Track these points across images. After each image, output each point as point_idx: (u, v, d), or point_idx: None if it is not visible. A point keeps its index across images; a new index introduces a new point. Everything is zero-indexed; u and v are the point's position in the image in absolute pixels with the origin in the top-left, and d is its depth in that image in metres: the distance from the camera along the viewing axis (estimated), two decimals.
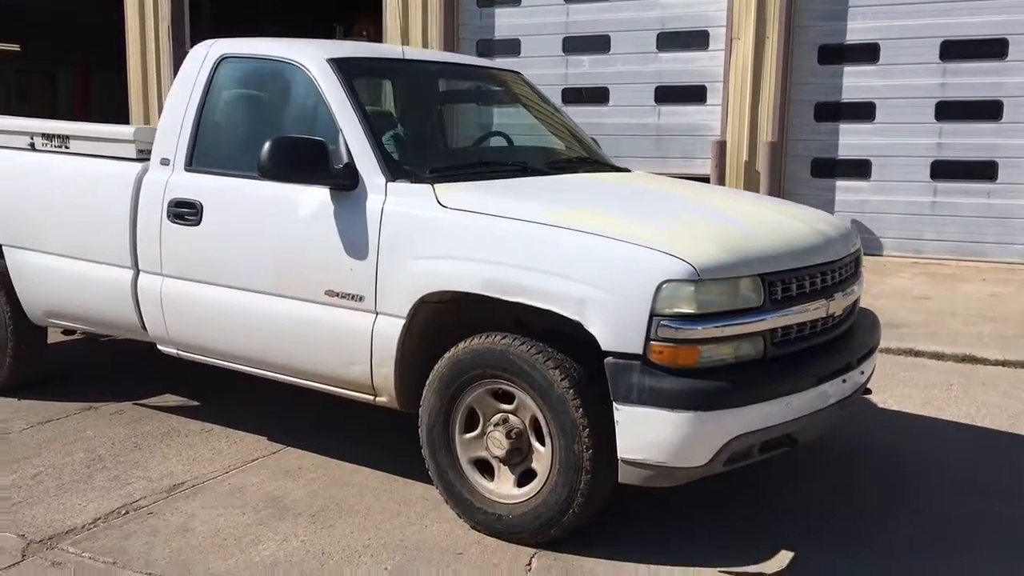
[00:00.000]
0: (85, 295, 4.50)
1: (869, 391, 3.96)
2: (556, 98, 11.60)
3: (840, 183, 10.34)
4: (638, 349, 3.01)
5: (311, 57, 3.90)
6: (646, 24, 11.05)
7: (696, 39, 10.79)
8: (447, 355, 3.41)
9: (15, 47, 18.44)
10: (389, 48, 4.50)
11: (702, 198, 4.20)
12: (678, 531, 3.44)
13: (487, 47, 11.98)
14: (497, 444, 3.32)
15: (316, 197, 3.66)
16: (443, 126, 4.79)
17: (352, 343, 3.59)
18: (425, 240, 3.43)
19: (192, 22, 13.91)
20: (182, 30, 13.73)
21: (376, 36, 16.24)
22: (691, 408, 2.97)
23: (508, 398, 3.33)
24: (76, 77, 19.33)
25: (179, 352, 4.30)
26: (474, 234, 3.36)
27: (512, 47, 11.87)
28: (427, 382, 3.46)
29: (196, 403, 4.87)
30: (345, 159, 3.64)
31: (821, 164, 10.38)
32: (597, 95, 11.46)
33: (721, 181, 10.30)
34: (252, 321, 3.90)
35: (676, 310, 2.99)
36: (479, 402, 3.39)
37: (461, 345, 3.38)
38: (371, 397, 3.69)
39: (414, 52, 4.62)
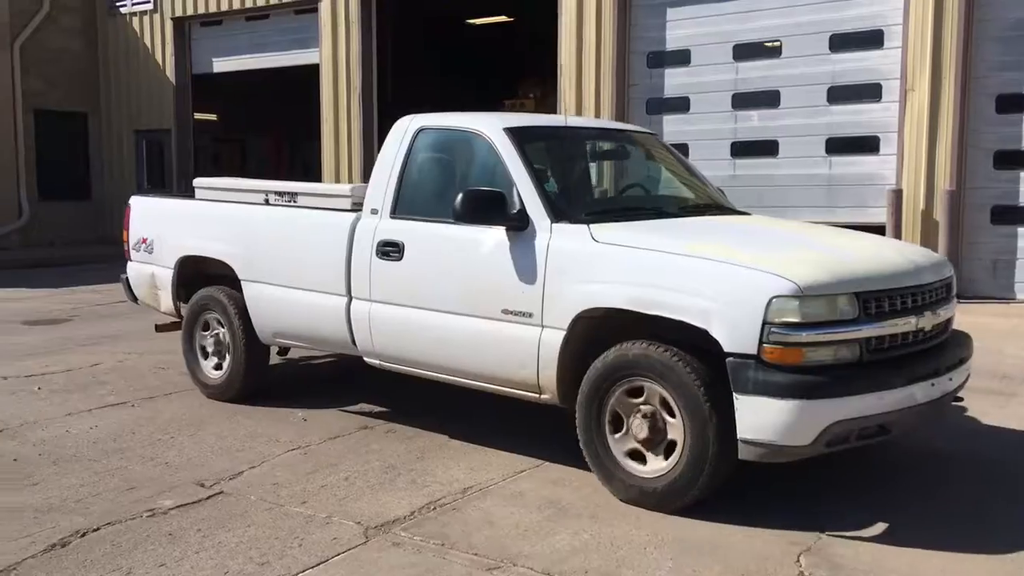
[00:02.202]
0: (307, 318, 5.52)
1: (960, 399, 4.59)
2: (725, 152, 12.10)
3: (1022, 230, 10.32)
4: (753, 350, 3.77)
5: (492, 127, 4.92)
6: (816, 79, 11.37)
7: (868, 91, 11.01)
8: (601, 357, 4.23)
9: (212, 116, 20.44)
10: (552, 117, 5.73)
11: (809, 234, 5.06)
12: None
13: (657, 105, 12.59)
14: (639, 428, 4.13)
15: (495, 236, 4.62)
16: (594, 178, 5.76)
17: (523, 350, 4.48)
18: (582, 267, 4.34)
19: (379, 92, 15.23)
20: (370, 98, 15.05)
21: (543, 97, 17.23)
22: (796, 397, 3.70)
23: (638, 393, 4.15)
24: (266, 143, 21.22)
25: (382, 363, 5.27)
26: (621, 262, 4.24)
27: (681, 105, 12.43)
28: (584, 379, 4.28)
29: (442, 421, 5.52)
30: (518, 206, 4.58)
31: (1001, 211, 10.38)
32: (766, 148, 11.86)
33: (898, 229, 10.43)
34: (443, 335, 4.83)
35: (783, 319, 3.75)
36: (620, 404, 4.20)
37: (612, 350, 4.20)
38: (536, 395, 4.55)
39: (572, 120, 5.71)
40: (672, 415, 4.04)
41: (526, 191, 4.60)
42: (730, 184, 12.06)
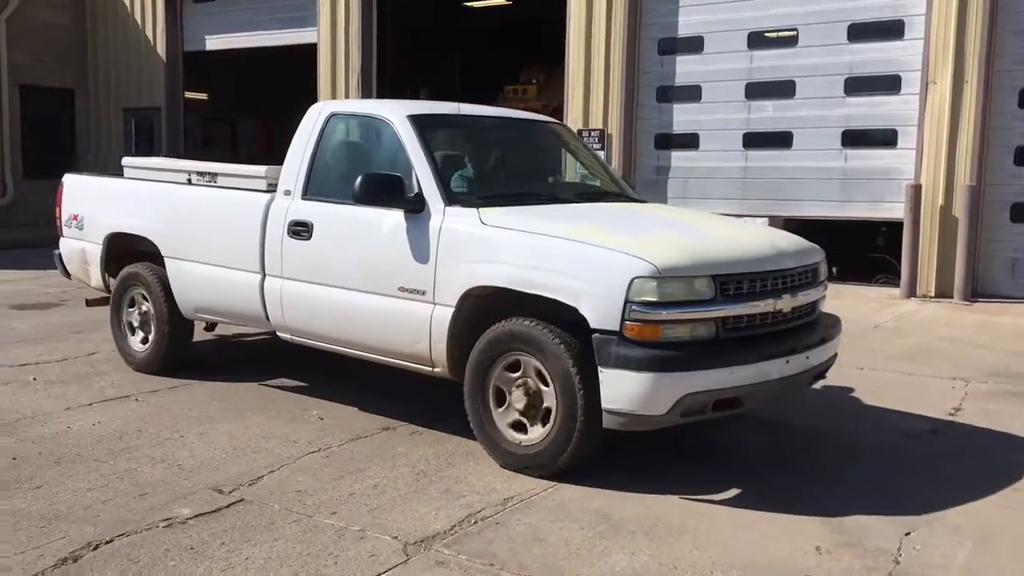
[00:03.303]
0: (224, 294, 5.74)
1: (822, 377, 4.87)
2: (737, 143, 11.82)
3: None
4: (616, 327, 4.06)
5: (395, 114, 5.18)
6: (833, 69, 11.09)
7: (887, 83, 10.74)
8: (485, 333, 4.50)
9: (203, 96, 19.92)
10: (451, 106, 5.84)
11: (685, 219, 5.40)
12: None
13: (667, 93, 12.27)
14: (518, 401, 4.42)
15: (393, 218, 4.87)
16: (494, 164, 5.88)
17: (417, 326, 4.74)
18: (470, 248, 4.60)
19: (378, 73, 14.82)
20: (370, 79, 14.64)
21: (547, 83, 16.86)
22: (652, 370, 3.99)
23: (516, 368, 4.42)
24: (257, 124, 20.71)
25: (292, 337, 5.50)
26: (504, 244, 4.50)
27: (693, 93, 12.12)
28: (470, 354, 4.54)
29: (466, 423, 5.24)
30: (416, 189, 4.85)
31: (1022, 209, 10.16)
32: (780, 139, 11.59)
33: (916, 225, 10.19)
34: (346, 311, 5.08)
35: (643, 299, 4.03)
36: (501, 379, 4.48)
37: (493, 327, 4.47)
38: (430, 368, 4.81)
39: (470, 108, 5.92)
40: (547, 385, 4.32)
41: (423, 175, 4.87)
42: (742, 176, 11.85)
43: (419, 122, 5.13)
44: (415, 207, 4.81)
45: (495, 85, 16.87)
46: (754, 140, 11.71)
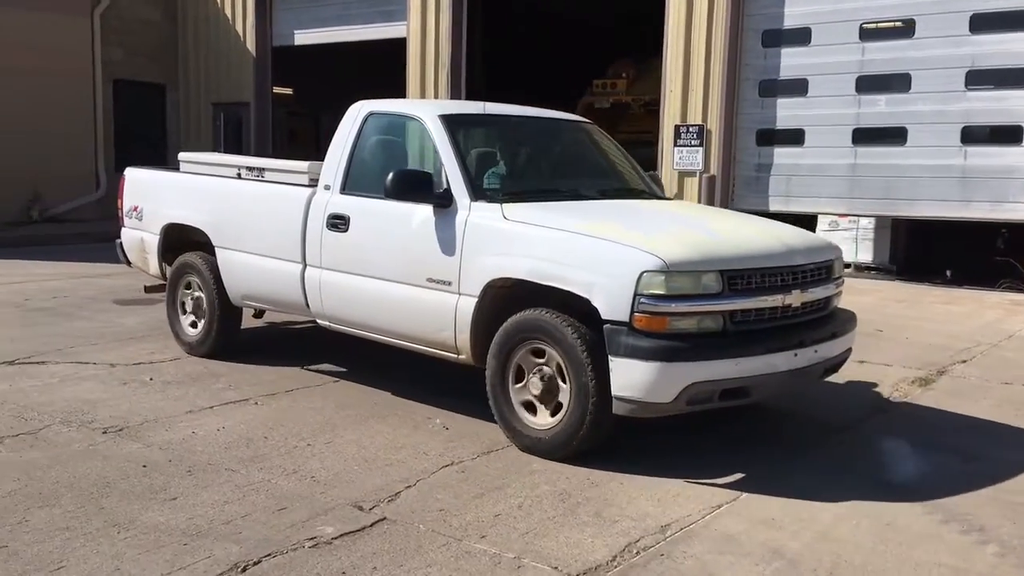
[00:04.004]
0: (268, 283, 6.02)
1: (832, 371, 4.97)
2: (846, 138, 11.30)
3: None
4: (625, 318, 4.23)
5: (428, 113, 5.41)
6: (953, 62, 10.53)
7: (1013, 76, 10.14)
8: (504, 323, 4.69)
9: (288, 90, 20.03)
10: (480, 105, 5.99)
11: (701, 217, 5.58)
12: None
13: (771, 87, 11.83)
14: (535, 387, 4.61)
15: (423, 212, 5.08)
16: (521, 162, 5.99)
17: (443, 315, 4.96)
18: (492, 242, 4.80)
19: (467, 69, 14.63)
20: (459, 75, 14.47)
21: (637, 77, 16.50)
22: (657, 359, 4.14)
23: (541, 354, 4.59)
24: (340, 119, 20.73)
25: (330, 325, 5.75)
26: (524, 238, 4.70)
27: (798, 87, 11.66)
28: (491, 343, 4.73)
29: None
30: (445, 185, 5.06)
31: None
32: (893, 135, 11.04)
33: None
34: (378, 300, 5.33)
35: (651, 291, 4.20)
36: (523, 360, 4.67)
37: (513, 316, 4.67)
38: (455, 356, 5.03)
39: (499, 108, 6.06)
40: (561, 373, 4.49)
41: (452, 172, 5.08)
42: (850, 174, 11.34)
43: (449, 121, 5.35)
44: (443, 202, 5.02)
45: (583, 80, 16.56)
46: (865, 136, 11.20)
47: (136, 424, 5.01)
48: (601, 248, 4.42)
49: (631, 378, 4.20)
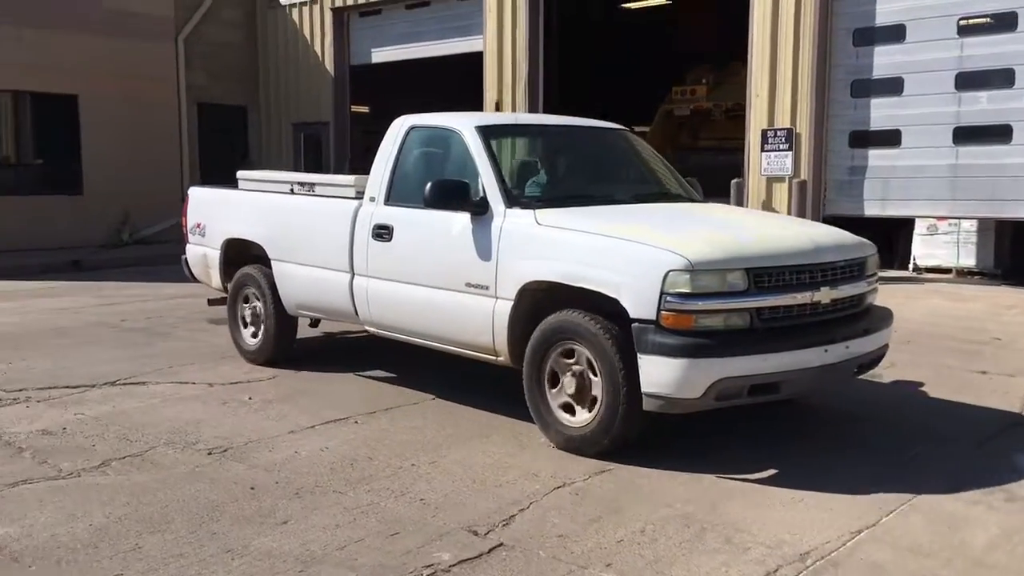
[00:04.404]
0: (320, 292, 6.24)
1: (867, 368, 5.01)
2: (946, 138, 10.80)
3: None
4: (652, 316, 4.33)
5: (465, 125, 5.56)
6: None
7: None
8: (540, 324, 4.84)
9: (364, 109, 20.19)
10: (514, 116, 6.53)
11: (730, 218, 5.67)
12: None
13: (864, 87, 11.39)
14: (569, 386, 4.74)
15: (461, 220, 5.24)
16: (555, 169, 6.09)
17: (481, 318, 5.11)
18: (526, 246, 4.96)
19: (544, 79, 14.52)
20: (536, 86, 14.36)
21: (718, 82, 16.15)
22: (684, 356, 4.24)
23: (571, 355, 4.73)
24: None
25: (377, 331, 5.97)
26: (555, 242, 4.86)
27: (893, 86, 11.20)
28: (528, 344, 4.88)
29: (705, 451, 4.75)
30: (481, 193, 5.22)
31: None
32: (997, 133, 10.51)
33: None
34: (421, 305, 5.51)
35: (677, 290, 4.29)
36: (555, 363, 4.80)
37: (547, 318, 4.82)
38: (493, 357, 5.18)
39: (533, 117, 6.61)
40: (594, 372, 4.60)
41: (488, 180, 5.23)
42: (951, 175, 10.82)
43: (486, 132, 5.51)
44: (480, 210, 5.17)
45: (662, 88, 16.29)
46: (966, 135, 10.69)
47: (240, 445, 4.94)
48: (628, 249, 4.54)
49: (660, 375, 4.30)
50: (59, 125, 15.47)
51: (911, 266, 11.84)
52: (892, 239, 12.44)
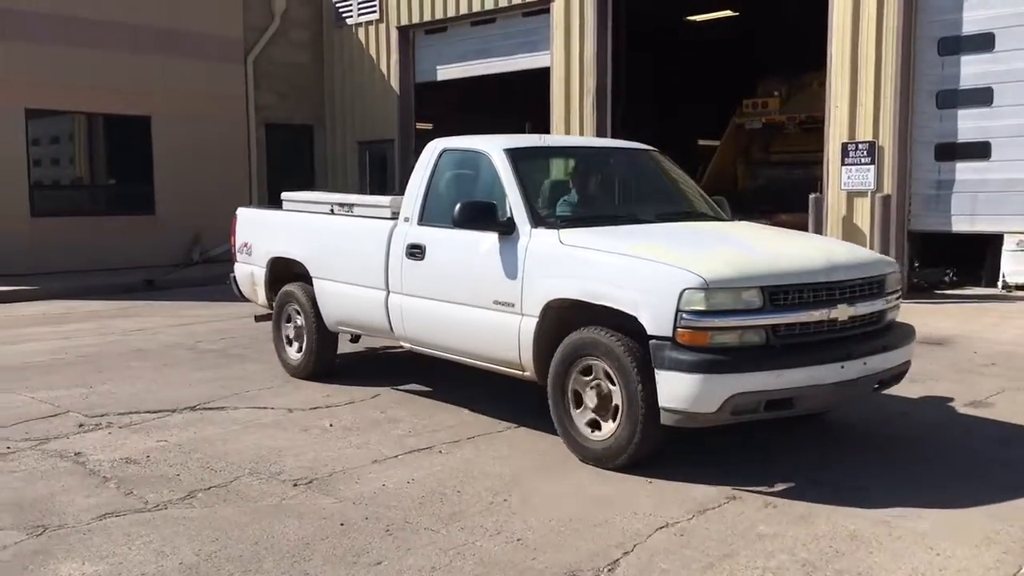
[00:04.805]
0: (358, 309, 6.42)
1: (888, 384, 5.06)
2: None
3: None
4: (669, 333, 4.44)
5: (494, 147, 5.73)
6: None
7: None
8: (564, 340, 4.97)
9: (428, 126, 20.21)
10: (541, 137, 6.48)
11: (747, 236, 5.54)
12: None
13: (950, 98, 10.94)
14: (591, 400, 4.87)
15: (489, 239, 5.40)
16: (581, 190, 6.07)
17: (508, 335, 5.27)
18: (550, 265, 5.10)
19: (612, 95, 14.30)
20: (605, 101, 14.15)
21: (790, 94, 15.75)
22: (700, 372, 4.34)
23: (589, 371, 4.87)
24: None
25: (411, 347, 6.15)
26: (577, 261, 4.98)
27: (982, 97, 10.74)
28: (552, 359, 5.01)
29: (813, 485, 4.52)
30: (508, 214, 5.38)
31: None
32: None
33: None
34: (452, 322, 5.67)
35: (692, 308, 4.38)
36: (577, 383, 4.94)
37: (572, 334, 4.94)
38: (520, 373, 5.34)
39: (560, 139, 6.96)
40: (614, 387, 4.74)
41: (514, 201, 5.38)
42: None
43: (514, 154, 5.65)
44: (506, 230, 5.32)
45: (732, 101, 15.96)
46: None
47: (325, 475, 4.81)
48: (645, 268, 4.66)
49: (676, 390, 4.41)
50: (132, 146, 15.75)
51: (1000, 284, 11.31)
52: (979, 256, 11.93)
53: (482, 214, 5.35)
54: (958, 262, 12.19)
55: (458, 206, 5.34)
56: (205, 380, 7.12)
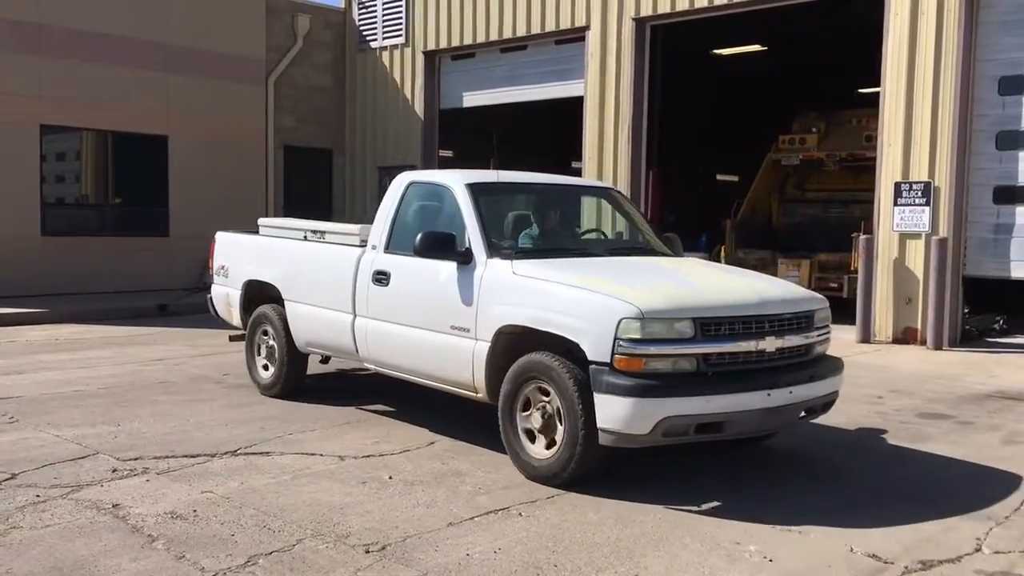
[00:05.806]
0: (326, 331, 6.74)
1: (815, 413, 5.42)
2: None
3: None
4: (607, 359, 4.77)
5: (456, 182, 6.03)
6: None
7: None
8: (512, 365, 5.25)
9: (448, 153, 19.78)
10: (502, 173, 6.70)
11: (688, 271, 5.87)
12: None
13: (1012, 139, 10.51)
14: (536, 420, 5.16)
15: (448, 268, 5.71)
16: (537, 224, 6.33)
17: (463, 358, 5.55)
18: (502, 293, 5.39)
19: (648, 124, 13.91)
20: (640, 132, 13.74)
21: (828, 131, 15.32)
22: (633, 395, 4.67)
23: (547, 392, 5.09)
24: None
25: (375, 368, 6.46)
26: (528, 290, 5.29)
27: None
28: (503, 382, 5.29)
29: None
30: (467, 244, 5.67)
31: None
32: None
33: None
34: (412, 345, 5.97)
35: (629, 336, 4.72)
36: (531, 393, 5.19)
37: (519, 360, 5.22)
38: (473, 394, 5.60)
39: (519, 175, 6.92)
40: (558, 411, 5.00)
41: (472, 232, 5.69)
42: None
43: (474, 189, 5.93)
44: (464, 259, 5.62)
45: (768, 136, 15.55)
46: None
47: (397, 540, 4.26)
48: (587, 298, 4.98)
49: (612, 412, 4.71)
50: (148, 165, 15.26)
51: None
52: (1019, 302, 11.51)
53: (442, 244, 5.63)
54: (998, 307, 11.75)
55: (419, 236, 5.63)
56: (241, 420, 6.57)
